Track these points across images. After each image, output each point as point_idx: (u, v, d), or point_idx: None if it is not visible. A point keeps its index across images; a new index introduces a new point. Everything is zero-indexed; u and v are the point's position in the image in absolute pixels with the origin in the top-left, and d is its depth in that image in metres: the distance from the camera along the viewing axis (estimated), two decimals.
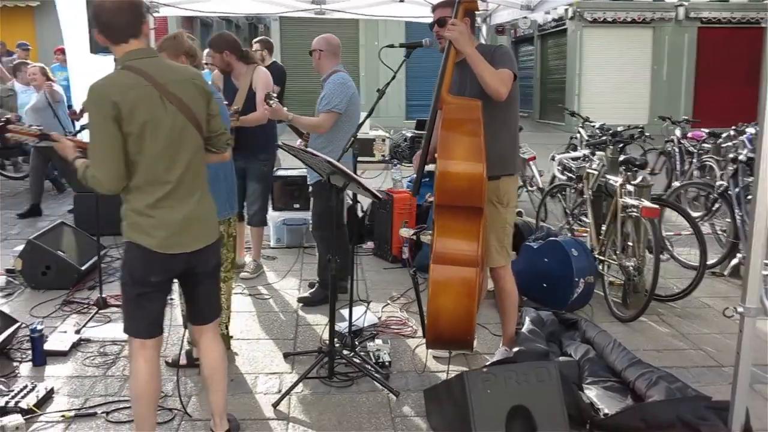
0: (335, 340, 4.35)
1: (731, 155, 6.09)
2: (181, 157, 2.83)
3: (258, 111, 5.22)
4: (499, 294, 4.11)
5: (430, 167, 4.01)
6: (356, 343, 4.28)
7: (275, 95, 4.83)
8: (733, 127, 6.77)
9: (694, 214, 7.54)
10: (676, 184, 8.29)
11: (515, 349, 4.02)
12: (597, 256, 5.45)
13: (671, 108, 17.39)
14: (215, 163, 3.25)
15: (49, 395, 3.70)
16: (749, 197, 5.96)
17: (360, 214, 7.03)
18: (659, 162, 9.91)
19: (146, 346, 2.95)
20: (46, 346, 4.20)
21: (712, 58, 20.26)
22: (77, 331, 4.49)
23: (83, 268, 5.42)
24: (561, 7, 20.08)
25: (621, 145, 6.36)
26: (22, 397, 3.56)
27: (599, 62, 20.56)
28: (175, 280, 3.07)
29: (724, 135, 7.62)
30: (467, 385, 3.02)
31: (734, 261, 5.81)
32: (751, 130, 6.95)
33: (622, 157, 5.52)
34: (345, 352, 4.09)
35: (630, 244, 5.17)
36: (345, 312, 4.44)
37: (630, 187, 5.22)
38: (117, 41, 2.78)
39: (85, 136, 3.20)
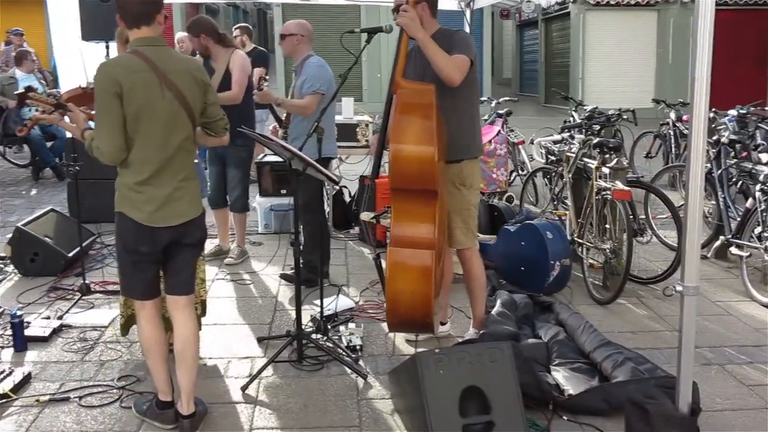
0: (309, 324, 4.47)
1: (714, 138, 6.08)
2: (172, 140, 3.08)
3: (232, 91, 5.30)
4: (467, 276, 4.15)
5: None
6: (329, 327, 4.35)
7: (268, 78, 4.95)
8: (714, 110, 6.73)
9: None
10: None
11: (481, 332, 4.08)
12: (576, 239, 5.49)
13: (677, 91, 17.22)
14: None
15: (26, 380, 3.79)
16: (732, 179, 5.99)
17: (347, 199, 7.10)
18: (655, 145, 9.89)
19: (145, 307, 3.27)
20: (28, 332, 4.29)
21: (719, 41, 19.59)
22: (59, 317, 4.59)
23: (70, 254, 5.50)
24: None
25: (598, 128, 6.35)
26: None
27: (603, 46, 20.37)
28: None
29: None
30: (419, 367, 3.07)
31: (717, 243, 5.82)
32: (732, 112, 6.93)
33: (596, 140, 5.52)
34: (315, 336, 4.16)
35: (607, 226, 5.20)
36: (327, 297, 4.51)
37: (605, 170, 5.24)
38: (130, 26, 3.07)
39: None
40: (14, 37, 11.03)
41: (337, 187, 7.04)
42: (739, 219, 5.53)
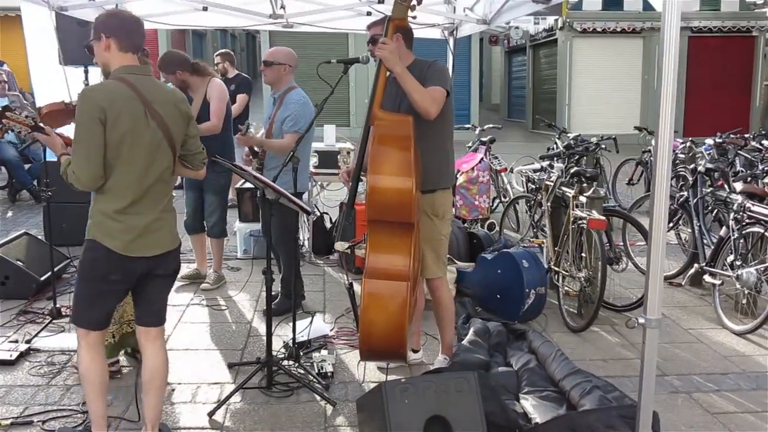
0: (281, 350, 4.45)
1: (691, 166, 6.13)
2: (153, 169, 3.06)
3: (211, 121, 5.32)
4: (436, 305, 4.15)
5: None
6: (301, 353, 4.33)
7: (254, 125, 4.97)
8: (690, 139, 6.82)
9: None
10: None
11: (451, 360, 4.07)
12: (552, 266, 5.50)
13: None
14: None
15: None
16: (708, 207, 6.03)
17: (328, 226, 7.11)
18: (637, 172, 9.96)
19: (90, 335, 3.16)
20: None
21: (703, 68, 20.31)
22: (28, 341, 4.55)
23: (42, 278, 5.47)
24: (550, 17, 20.22)
25: (576, 157, 6.40)
26: None
27: (589, 72, 20.62)
28: None
29: (680, 146, 7.66)
30: (384, 396, 3.06)
31: (692, 270, 5.84)
32: (709, 140, 6.99)
33: (573, 169, 5.56)
34: (286, 362, 4.15)
35: (584, 255, 5.21)
36: (300, 323, 4.51)
37: (582, 199, 5.26)
38: (126, 49, 3.05)
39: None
40: None
41: (318, 214, 7.06)
42: (713, 247, 5.57)
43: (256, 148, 5.18)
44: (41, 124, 3.56)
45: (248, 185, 6.95)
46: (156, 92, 3.08)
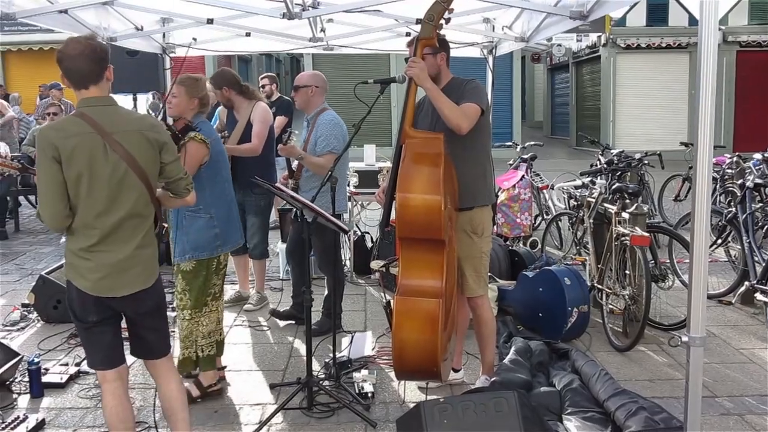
0: (322, 370, 4.47)
1: (739, 181, 6.00)
2: (120, 205, 2.92)
3: (251, 143, 5.40)
4: (477, 323, 4.13)
5: None
6: (341, 373, 4.33)
7: (296, 133, 5.02)
8: (737, 154, 6.68)
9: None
10: None
11: (492, 380, 4.03)
12: (596, 284, 5.42)
13: None
14: (178, 207, 3.41)
15: (40, 427, 3.84)
16: (758, 223, 5.88)
17: (369, 245, 7.13)
18: (684, 188, 9.77)
19: (107, 379, 3.07)
20: (45, 379, 4.36)
21: (752, 82, 19.88)
22: (77, 364, 4.65)
23: None
24: (593, 34, 20.08)
25: (619, 173, 6.31)
26: (12, 429, 3.71)
27: (634, 88, 20.36)
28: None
29: (728, 161, 7.48)
30: (423, 416, 3.05)
31: (742, 288, 5.69)
32: (757, 155, 6.83)
33: (615, 186, 5.49)
34: (326, 382, 4.15)
35: (627, 272, 5.13)
36: (344, 341, 4.49)
37: (625, 215, 5.19)
38: (77, 87, 2.91)
39: None
40: (56, 91, 11.25)
41: (359, 233, 7.09)
42: (764, 264, 5.41)
43: (293, 167, 5.24)
44: (29, 167, 3.67)
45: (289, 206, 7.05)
46: (119, 122, 2.92)
